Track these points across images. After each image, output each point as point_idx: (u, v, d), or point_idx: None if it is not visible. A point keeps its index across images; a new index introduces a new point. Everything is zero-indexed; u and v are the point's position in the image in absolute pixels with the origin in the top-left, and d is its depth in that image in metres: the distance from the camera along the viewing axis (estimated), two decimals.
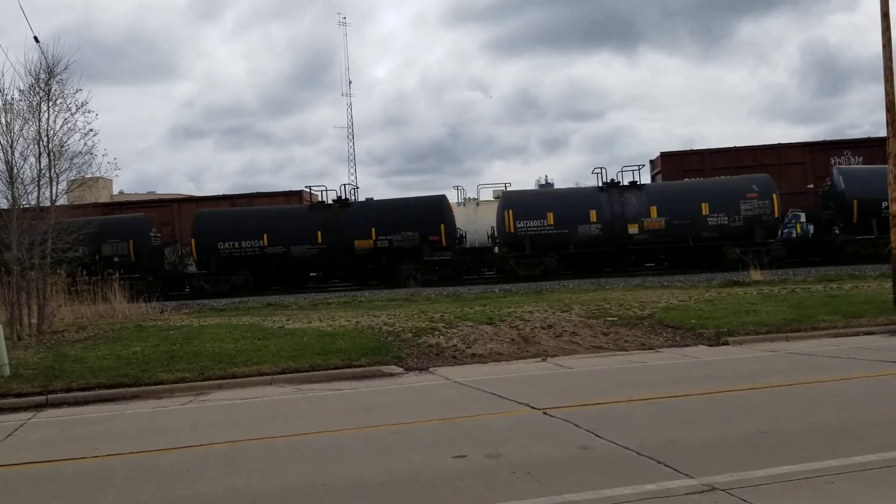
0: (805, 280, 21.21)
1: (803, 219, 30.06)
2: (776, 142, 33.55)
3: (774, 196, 27.34)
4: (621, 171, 28.85)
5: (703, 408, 8.15)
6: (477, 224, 30.99)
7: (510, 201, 28.75)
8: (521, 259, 27.72)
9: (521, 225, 27.67)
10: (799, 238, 29.67)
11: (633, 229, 27.44)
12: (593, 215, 27.48)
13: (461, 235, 29.79)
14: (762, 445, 6.35)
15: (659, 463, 5.89)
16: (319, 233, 28.19)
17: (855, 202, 27.04)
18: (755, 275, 22.19)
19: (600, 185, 28.43)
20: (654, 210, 27.47)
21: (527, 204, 28.53)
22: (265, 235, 28.23)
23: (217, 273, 28.39)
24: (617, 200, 27.75)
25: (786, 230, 29.65)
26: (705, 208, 27.30)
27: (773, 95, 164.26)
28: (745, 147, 32.84)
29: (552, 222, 27.53)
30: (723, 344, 13.26)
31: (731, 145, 32.91)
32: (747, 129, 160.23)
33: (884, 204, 21.57)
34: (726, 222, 27.23)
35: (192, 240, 28.79)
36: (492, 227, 29.95)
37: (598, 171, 28.70)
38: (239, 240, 28.30)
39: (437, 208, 28.71)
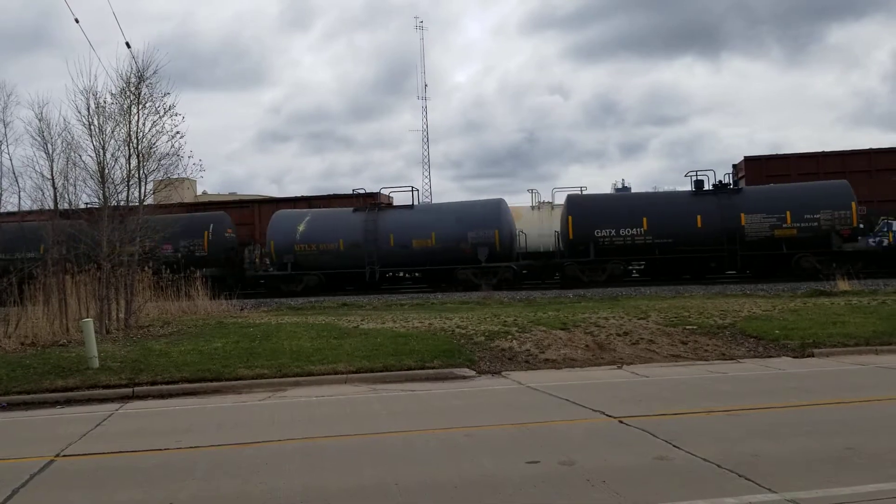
0: None
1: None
2: (866, 147, 32.19)
3: None
4: None
5: (787, 421, 7.87)
6: (552, 227, 30.53)
7: None
8: None
9: None
10: (891, 246, 28.17)
11: None
12: None
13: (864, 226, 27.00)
14: (848, 462, 6.10)
15: (740, 476, 5.72)
16: (699, 217, 26.35)
17: None
18: (843, 285, 21.31)
19: None
20: None
21: None
22: (644, 221, 26.70)
23: (594, 262, 27.02)
24: None
25: (876, 238, 28.36)
26: None
27: (863, 101, 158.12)
28: (833, 152, 31.64)
29: None
30: (808, 356, 12.79)
31: (818, 150, 31.78)
32: (834, 135, 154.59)
33: None
34: None
35: (570, 220, 27.43)
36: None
37: None
38: (617, 227, 26.86)
39: (844, 193, 26.32)
